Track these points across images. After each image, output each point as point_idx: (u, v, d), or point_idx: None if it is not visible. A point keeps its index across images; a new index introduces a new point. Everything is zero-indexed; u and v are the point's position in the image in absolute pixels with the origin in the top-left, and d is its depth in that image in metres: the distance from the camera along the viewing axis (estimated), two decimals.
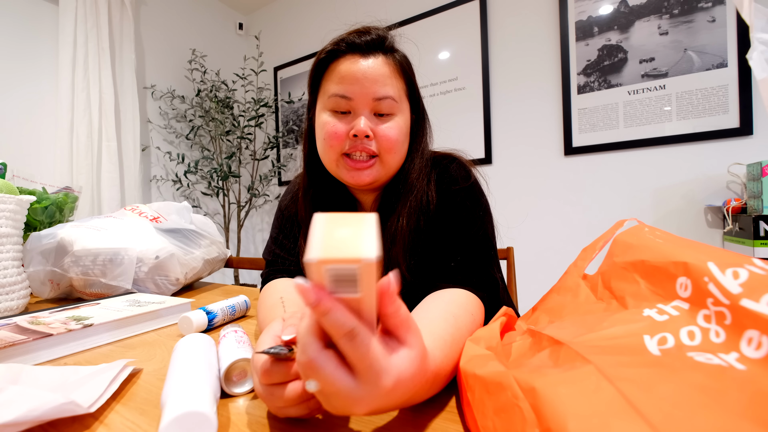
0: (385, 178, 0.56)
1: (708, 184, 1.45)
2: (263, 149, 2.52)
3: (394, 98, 0.52)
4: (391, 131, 0.52)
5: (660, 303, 0.26)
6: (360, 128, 0.50)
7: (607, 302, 0.31)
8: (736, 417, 0.17)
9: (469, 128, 1.94)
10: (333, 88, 0.52)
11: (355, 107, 0.51)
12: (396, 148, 0.53)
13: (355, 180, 0.53)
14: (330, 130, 0.52)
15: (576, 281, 0.36)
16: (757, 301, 0.20)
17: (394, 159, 0.54)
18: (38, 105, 1.82)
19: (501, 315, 0.41)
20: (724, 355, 0.20)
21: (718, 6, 1.41)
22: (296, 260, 0.63)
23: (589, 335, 0.26)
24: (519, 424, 0.22)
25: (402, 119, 0.54)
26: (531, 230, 1.78)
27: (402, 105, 0.54)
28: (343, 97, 0.51)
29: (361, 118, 0.51)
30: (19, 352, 0.43)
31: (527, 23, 1.79)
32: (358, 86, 0.50)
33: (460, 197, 0.54)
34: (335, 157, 0.53)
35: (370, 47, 0.52)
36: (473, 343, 0.34)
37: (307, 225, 0.59)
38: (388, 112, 0.52)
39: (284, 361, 0.28)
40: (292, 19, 2.65)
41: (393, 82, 0.52)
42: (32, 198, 0.71)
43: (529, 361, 0.29)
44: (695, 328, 0.23)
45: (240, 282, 2.42)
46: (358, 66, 0.51)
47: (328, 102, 0.52)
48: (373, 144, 0.51)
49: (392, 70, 0.52)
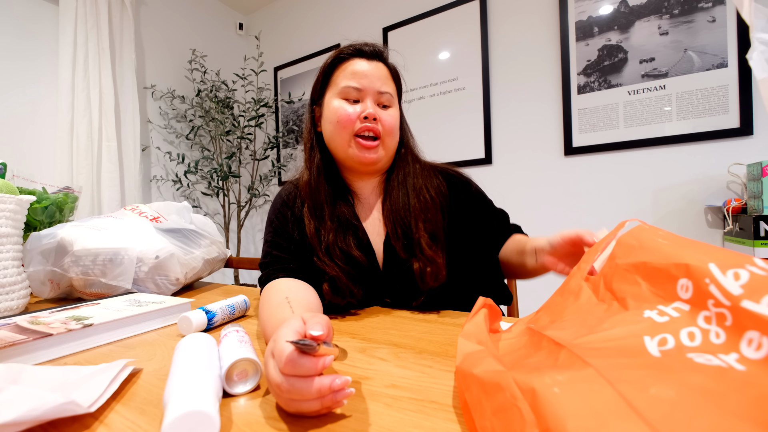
0: (385, 160, 0.68)
1: (708, 184, 1.45)
2: (263, 149, 2.52)
3: (391, 94, 0.66)
4: (391, 118, 0.66)
5: (660, 304, 0.26)
6: (371, 111, 0.63)
7: (608, 303, 0.31)
8: (736, 419, 0.17)
9: (469, 128, 1.94)
10: (345, 80, 0.64)
11: (363, 97, 0.64)
12: (394, 132, 0.66)
13: (364, 157, 0.64)
14: (343, 113, 0.63)
15: (579, 283, 0.36)
16: (758, 302, 0.20)
17: (392, 142, 0.67)
18: (38, 105, 1.82)
19: (480, 306, 0.41)
20: (723, 356, 0.20)
21: (718, 6, 1.41)
22: (295, 258, 0.63)
23: (589, 336, 0.26)
24: (518, 425, 0.21)
25: (396, 112, 0.67)
26: (531, 230, 1.77)
27: (395, 101, 0.68)
28: (354, 88, 0.64)
29: (368, 103, 0.64)
30: (19, 352, 0.43)
31: (527, 23, 1.79)
32: (366, 80, 0.64)
33: (480, 196, 0.75)
34: (348, 137, 0.64)
35: (373, 55, 0.67)
36: (465, 339, 0.34)
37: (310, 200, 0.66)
38: (388, 104, 0.66)
39: (309, 356, 0.28)
40: (292, 19, 2.65)
41: (390, 82, 0.67)
42: (32, 198, 0.71)
43: (527, 361, 0.29)
44: (695, 330, 0.23)
45: (240, 282, 2.42)
46: (366, 66, 0.65)
47: (340, 92, 0.65)
48: (378, 126, 0.64)
49: (389, 74, 0.68)
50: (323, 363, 0.29)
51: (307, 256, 0.63)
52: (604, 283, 0.33)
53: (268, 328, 0.47)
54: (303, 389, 0.28)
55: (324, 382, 0.28)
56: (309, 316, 0.33)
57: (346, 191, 0.70)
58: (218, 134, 2.30)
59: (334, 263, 0.61)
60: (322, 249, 0.62)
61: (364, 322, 0.58)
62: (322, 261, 0.61)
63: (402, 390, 0.35)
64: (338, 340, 0.50)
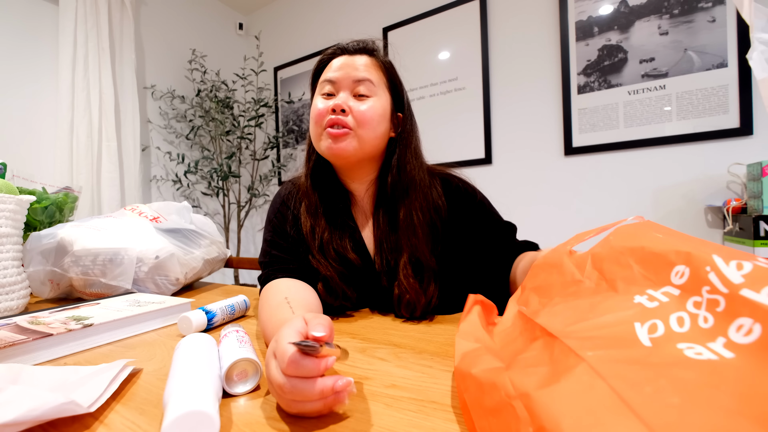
0: (361, 153, 0.61)
1: (708, 184, 1.45)
2: (263, 149, 2.52)
3: (371, 81, 0.60)
4: (366, 108, 0.59)
5: (650, 289, 0.26)
6: (337, 102, 0.58)
7: (596, 283, 0.31)
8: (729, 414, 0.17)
9: (469, 128, 1.94)
10: (324, 77, 0.62)
11: (337, 89, 0.61)
12: (370, 124, 0.59)
13: (332, 151, 0.59)
14: (316, 109, 0.61)
15: (560, 257, 0.36)
16: (758, 291, 0.20)
17: (368, 134, 0.60)
18: (38, 105, 1.82)
19: (472, 304, 0.41)
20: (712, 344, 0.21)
21: (718, 6, 1.41)
22: (294, 259, 0.63)
23: (581, 324, 0.27)
24: (513, 424, 0.22)
25: (379, 102, 0.61)
26: (531, 230, 1.77)
27: (380, 91, 0.62)
28: (329, 81, 0.61)
29: (340, 95, 0.60)
30: (19, 352, 0.43)
31: (527, 23, 1.79)
32: (341, 72, 0.60)
33: (482, 206, 0.67)
34: (320, 131, 0.60)
35: (357, 50, 0.64)
36: (462, 338, 0.34)
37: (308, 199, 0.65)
38: (366, 93, 0.60)
39: (312, 357, 0.28)
40: (292, 19, 2.65)
41: (372, 71, 0.61)
42: (32, 198, 0.71)
43: (523, 356, 0.29)
44: (684, 314, 0.23)
45: (240, 282, 2.42)
46: (346, 59, 0.62)
47: (319, 88, 0.63)
48: (349, 119, 0.59)
49: (373, 63, 0.62)
50: (326, 364, 0.29)
51: (305, 256, 0.63)
52: (592, 262, 0.33)
53: (268, 328, 0.47)
54: (305, 390, 0.28)
55: (327, 383, 0.28)
56: (311, 317, 0.33)
57: (343, 192, 0.68)
58: (218, 134, 2.30)
59: (328, 263, 0.61)
60: (316, 247, 0.62)
61: (364, 323, 0.58)
62: (317, 259, 0.61)
63: (402, 390, 0.35)
64: (338, 341, 0.50)
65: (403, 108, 0.67)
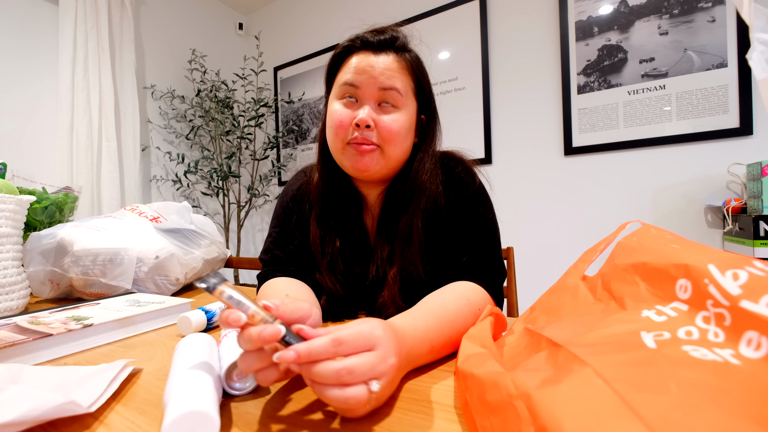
0: (386, 170, 0.57)
1: (708, 184, 1.45)
2: (263, 149, 2.51)
3: (399, 91, 0.54)
4: (393, 123, 0.53)
5: (659, 304, 0.26)
6: (362, 117, 0.52)
7: (606, 303, 0.31)
8: (733, 416, 0.17)
9: (469, 128, 1.94)
10: (344, 77, 0.55)
11: (361, 96, 0.54)
12: (397, 140, 0.54)
13: (356, 167, 0.55)
14: (337, 118, 0.54)
15: (575, 282, 0.36)
16: (756, 302, 0.20)
17: (394, 151, 0.55)
18: (38, 105, 1.82)
19: (488, 314, 0.41)
20: (719, 350, 0.20)
21: (718, 6, 1.41)
22: (295, 261, 0.63)
23: (588, 334, 0.26)
24: (514, 423, 0.22)
25: (405, 114, 0.55)
26: (531, 230, 1.78)
27: (407, 101, 0.56)
28: (351, 85, 0.54)
29: (365, 107, 0.53)
30: (19, 352, 0.43)
31: (527, 23, 1.79)
32: (365, 76, 0.53)
33: (472, 202, 0.58)
34: (341, 145, 0.55)
35: (382, 45, 0.55)
36: (469, 341, 0.34)
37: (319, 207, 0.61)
38: (393, 104, 0.54)
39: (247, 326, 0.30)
40: (292, 19, 2.65)
41: (400, 76, 0.55)
42: (32, 198, 0.71)
43: (525, 362, 0.29)
44: (693, 329, 0.23)
45: (240, 282, 2.42)
46: (369, 59, 0.54)
47: (338, 91, 0.56)
48: (374, 135, 0.53)
49: (401, 67, 0.55)
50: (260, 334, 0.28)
51: (308, 259, 0.62)
52: (602, 283, 0.33)
53: None
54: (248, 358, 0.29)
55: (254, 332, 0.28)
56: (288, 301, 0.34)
57: (356, 197, 0.63)
58: (218, 134, 2.30)
59: (335, 279, 0.59)
60: (324, 264, 0.59)
61: None
62: (323, 277, 0.59)
63: (402, 390, 0.35)
64: None
65: (427, 109, 0.61)
